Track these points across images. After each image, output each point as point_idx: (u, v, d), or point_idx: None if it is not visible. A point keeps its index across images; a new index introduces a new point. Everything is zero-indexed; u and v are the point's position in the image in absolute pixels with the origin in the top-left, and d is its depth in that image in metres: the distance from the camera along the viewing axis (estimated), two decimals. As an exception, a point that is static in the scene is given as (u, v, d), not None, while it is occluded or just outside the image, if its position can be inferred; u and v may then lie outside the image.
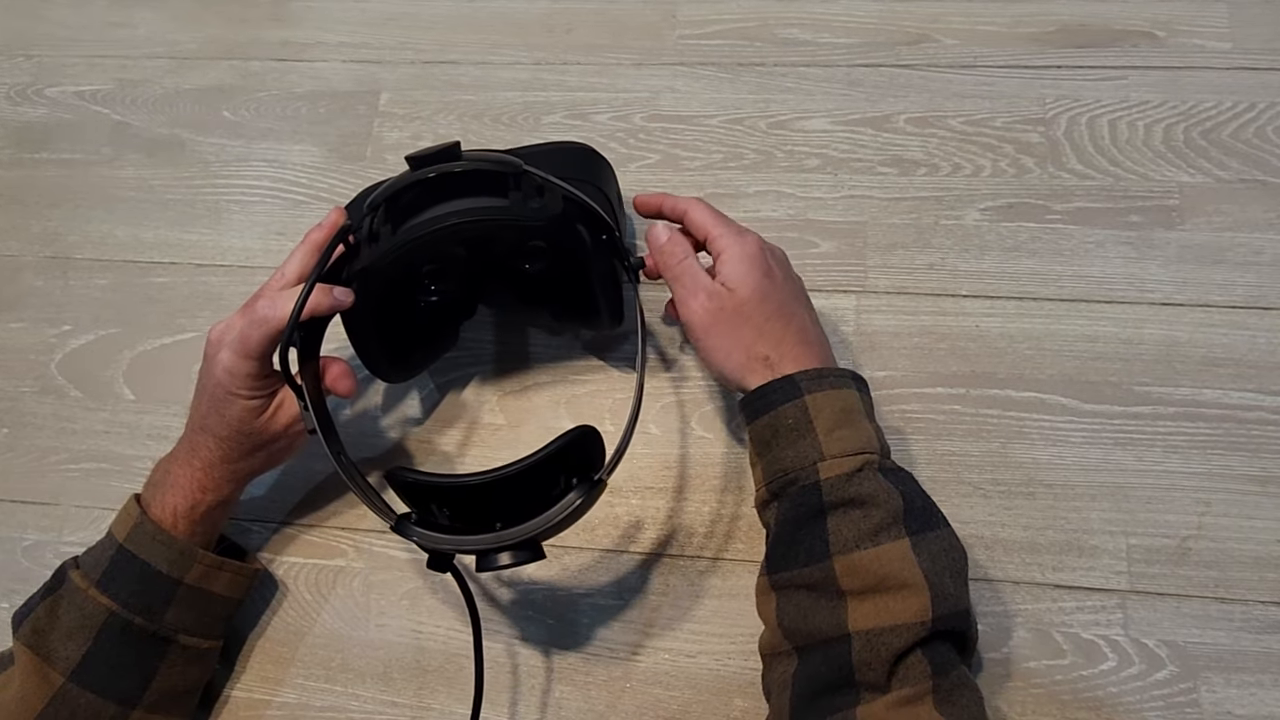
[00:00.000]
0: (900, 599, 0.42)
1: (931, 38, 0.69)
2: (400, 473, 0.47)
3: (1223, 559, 0.53)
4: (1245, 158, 0.63)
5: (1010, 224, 0.63)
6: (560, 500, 0.47)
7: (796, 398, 0.47)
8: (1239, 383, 0.57)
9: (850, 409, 0.47)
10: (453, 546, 0.47)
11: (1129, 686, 0.51)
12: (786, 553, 0.46)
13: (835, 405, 0.47)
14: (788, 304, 0.50)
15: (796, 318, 0.50)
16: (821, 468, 0.45)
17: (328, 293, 0.49)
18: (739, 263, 0.49)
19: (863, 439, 0.46)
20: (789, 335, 0.49)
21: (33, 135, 0.76)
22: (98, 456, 0.64)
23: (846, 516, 0.44)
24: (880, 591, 0.43)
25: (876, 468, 0.45)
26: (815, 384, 0.47)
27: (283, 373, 0.48)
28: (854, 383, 0.49)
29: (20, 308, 0.70)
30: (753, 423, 0.48)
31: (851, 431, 0.46)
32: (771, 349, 0.48)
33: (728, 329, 0.49)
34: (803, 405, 0.46)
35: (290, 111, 0.74)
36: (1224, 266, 0.60)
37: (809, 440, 0.46)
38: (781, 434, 0.47)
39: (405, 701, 0.55)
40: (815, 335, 0.51)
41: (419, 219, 0.49)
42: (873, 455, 0.46)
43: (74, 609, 0.49)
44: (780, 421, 0.47)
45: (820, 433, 0.46)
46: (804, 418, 0.46)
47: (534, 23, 0.74)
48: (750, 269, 0.49)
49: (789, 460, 0.46)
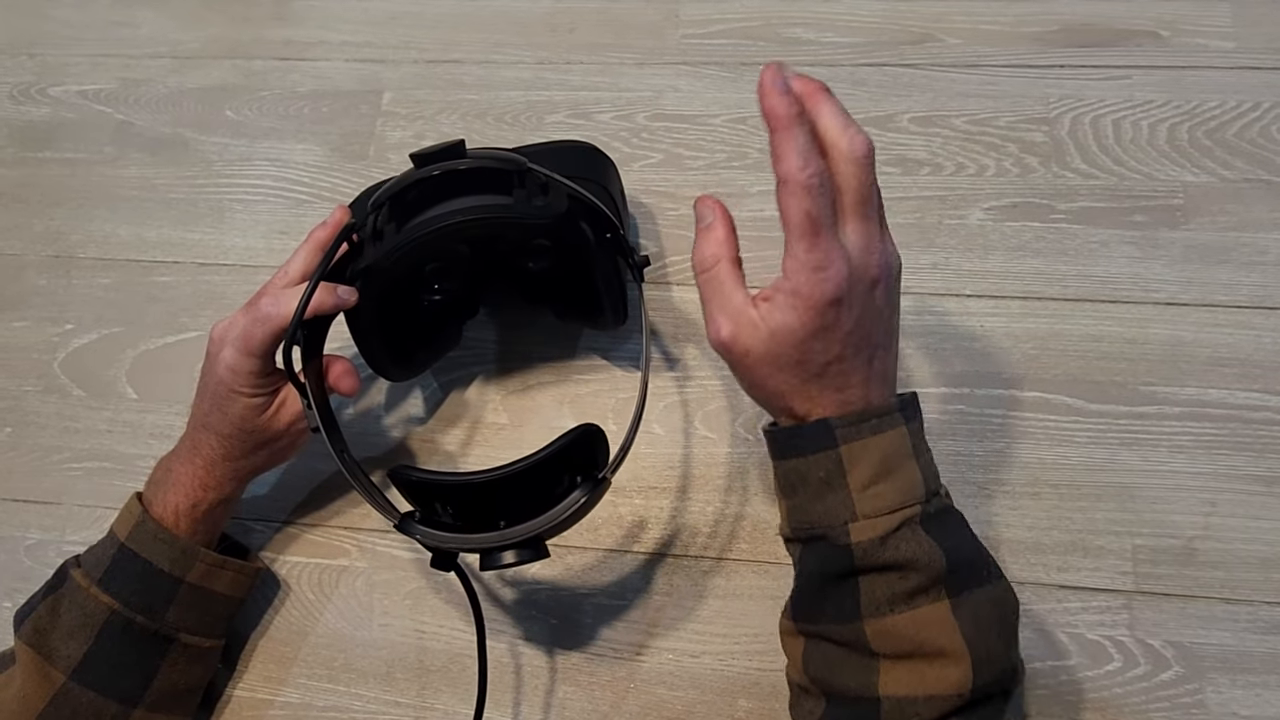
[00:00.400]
0: (937, 668, 0.38)
1: (935, 37, 0.69)
2: (404, 471, 0.46)
3: (1228, 559, 0.53)
4: (1250, 157, 0.63)
5: (1014, 224, 0.62)
6: (564, 499, 0.47)
7: (830, 448, 0.40)
8: (1245, 382, 0.57)
9: (893, 454, 0.40)
10: (456, 545, 0.47)
11: (1134, 687, 0.51)
12: (812, 604, 0.42)
13: (875, 455, 0.40)
14: (845, 355, 0.40)
15: (850, 367, 0.40)
16: (853, 529, 0.39)
17: (331, 291, 0.49)
18: (792, 311, 0.38)
19: (904, 490, 0.40)
20: (829, 387, 0.40)
21: (36, 134, 0.76)
22: (100, 456, 0.64)
23: (881, 578, 0.39)
24: (916, 657, 0.39)
25: (919, 520, 0.40)
26: (854, 431, 0.40)
27: (286, 371, 0.48)
28: (902, 415, 0.41)
29: (23, 307, 0.69)
30: (778, 461, 0.42)
31: (891, 485, 0.40)
32: (803, 403, 0.41)
33: (752, 369, 0.41)
34: (836, 457, 0.40)
35: (293, 111, 0.74)
36: (1229, 266, 0.60)
37: (841, 496, 0.40)
38: (810, 484, 0.41)
39: (408, 701, 0.55)
40: (874, 373, 0.41)
41: (423, 217, 0.49)
42: (915, 508, 0.40)
43: (75, 608, 0.49)
44: (809, 471, 0.41)
45: (854, 489, 0.40)
46: (837, 470, 0.40)
47: (537, 22, 0.74)
48: (803, 323, 0.38)
49: (817, 514, 0.41)
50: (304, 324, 0.48)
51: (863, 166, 0.38)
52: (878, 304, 0.40)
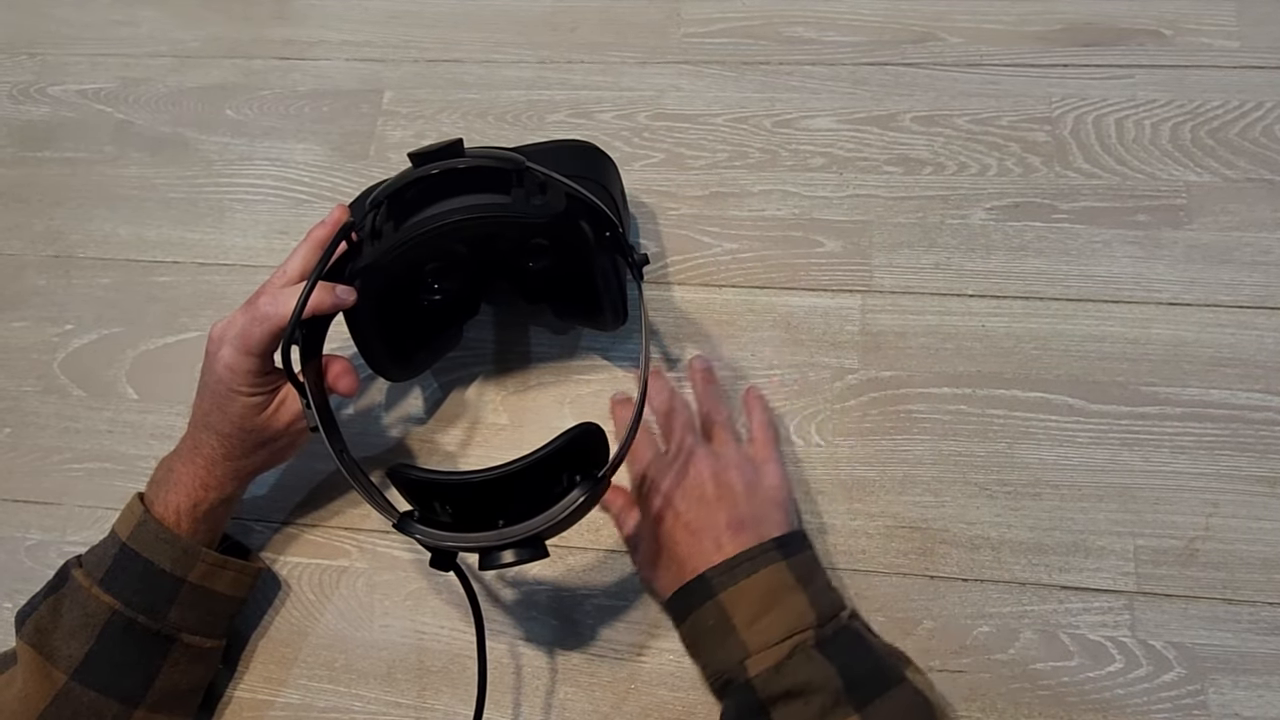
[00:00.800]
0: None
1: (937, 36, 0.69)
2: (402, 470, 0.46)
3: (1230, 560, 0.53)
4: (1253, 157, 0.62)
5: (1016, 223, 0.62)
6: (563, 498, 0.46)
7: (710, 598, 0.46)
8: (1247, 383, 0.56)
9: (774, 588, 0.46)
10: (455, 544, 0.47)
11: (1136, 688, 0.51)
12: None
13: (754, 593, 0.46)
14: (693, 540, 0.49)
15: (708, 536, 0.49)
16: (749, 664, 0.44)
17: (330, 290, 0.49)
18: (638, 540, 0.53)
19: (791, 619, 0.45)
20: (698, 555, 0.49)
21: (36, 134, 0.76)
22: (100, 456, 0.64)
23: (789, 708, 0.43)
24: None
25: (812, 644, 0.44)
26: (728, 577, 0.46)
27: (285, 370, 0.47)
28: (779, 550, 0.47)
29: (23, 307, 0.69)
30: (678, 625, 0.50)
31: (776, 616, 0.45)
32: (676, 576, 0.49)
33: (642, 567, 0.53)
34: (718, 604, 0.46)
35: (293, 110, 0.73)
36: (1231, 266, 0.60)
37: (732, 638, 0.45)
38: (704, 636, 0.47)
39: (408, 702, 0.55)
40: (740, 519, 0.49)
41: (421, 216, 0.49)
42: (805, 633, 0.45)
43: (77, 607, 0.49)
44: (700, 624, 0.47)
45: (741, 628, 0.45)
46: (722, 616, 0.46)
47: (538, 21, 0.74)
48: (645, 547, 0.52)
49: (719, 662, 0.46)
50: (303, 324, 0.48)
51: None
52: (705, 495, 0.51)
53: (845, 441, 0.58)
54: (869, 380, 0.59)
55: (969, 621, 0.53)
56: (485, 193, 0.49)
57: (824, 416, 0.58)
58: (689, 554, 0.49)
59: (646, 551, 0.52)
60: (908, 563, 0.55)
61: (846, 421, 0.58)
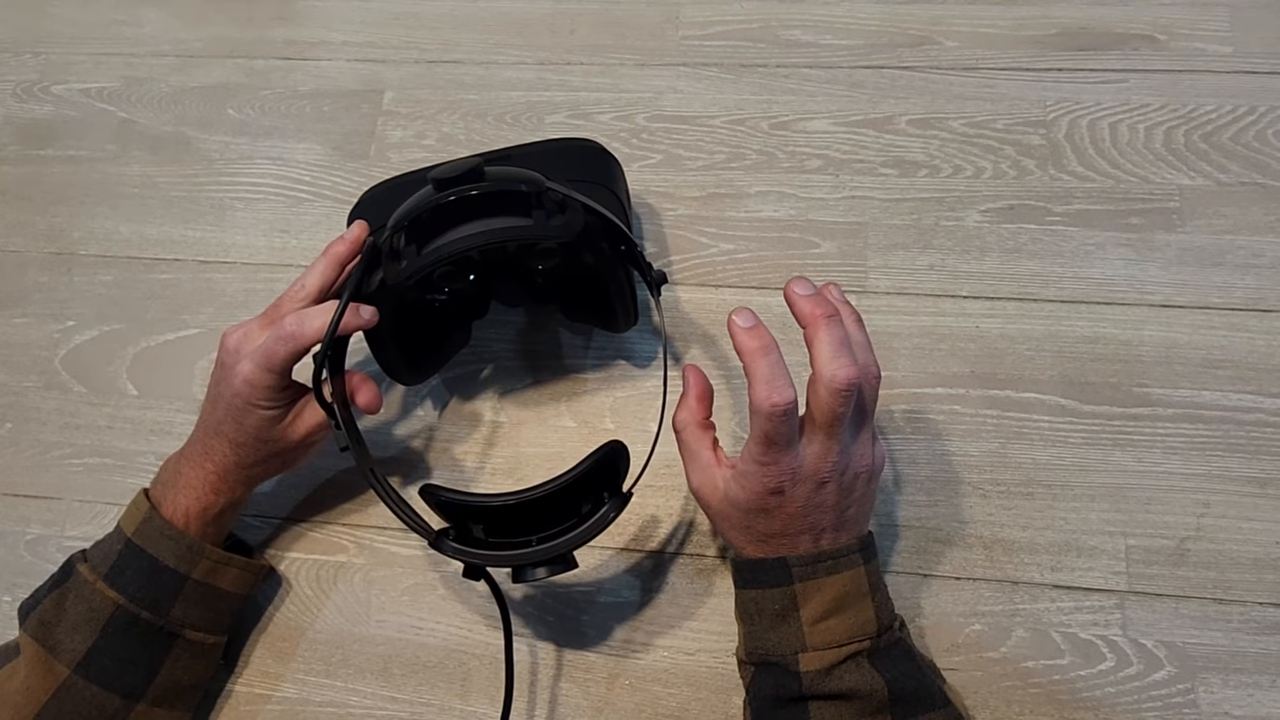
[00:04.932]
0: None
1: (933, 40, 0.70)
2: (435, 491, 0.48)
3: (1221, 560, 0.53)
4: (1245, 161, 0.63)
5: (1011, 226, 0.63)
6: (593, 515, 0.48)
7: (785, 584, 0.45)
8: (1238, 385, 0.57)
9: (849, 593, 0.44)
10: (492, 562, 0.48)
11: (1127, 687, 0.51)
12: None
13: (828, 594, 0.44)
14: (789, 532, 0.45)
15: (794, 541, 0.45)
16: (803, 659, 0.44)
17: (355, 312, 0.50)
18: (739, 488, 0.45)
19: (854, 626, 0.44)
20: (779, 546, 0.45)
21: (39, 132, 0.76)
22: (101, 452, 0.64)
23: (829, 705, 0.43)
24: None
25: (867, 654, 0.44)
26: (809, 570, 0.45)
27: (315, 396, 0.49)
28: (860, 556, 0.45)
29: (25, 303, 0.70)
30: (739, 590, 0.47)
31: (841, 620, 0.44)
32: (754, 550, 0.46)
33: (714, 518, 0.48)
34: (790, 593, 0.45)
35: (294, 110, 0.74)
36: (1224, 269, 0.60)
37: (793, 628, 0.44)
38: (765, 614, 0.45)
39: (405, 697, 0.55)
40: (822, 543, 0.45)
41: (442, 240, 0.49)
42: (863, 643, 0.44)
43: (81, 602, 0.49)
44: (765, 603, 0.45)
45: (806, 622, 0.44)
46: (790, 605, 0.44)
47: (538, 23, 0.75)
48: (747, 499, 0.44)
49: (771, 643, 0.45)
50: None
51: (837, 396, 0.42)
52: (825, 498, 0.44)
53: (840, 441, 0.58)
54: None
55: (961, 620, 0.53)
56: (505, 215, 0.49)
57: (819, 416, 0.59)
58: (783, 531, 0.45)
59: (736, 497, 0.45)
60: (901, 561, 0.55)
61: (841, 421, 0.59)
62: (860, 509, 0.47)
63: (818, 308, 0.43)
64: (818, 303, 0.43)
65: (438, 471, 0.60)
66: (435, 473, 0.60)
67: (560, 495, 0.47)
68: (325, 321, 0.48)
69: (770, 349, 0.43)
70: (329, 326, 0.48)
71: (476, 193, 0.48)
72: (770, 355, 0.42)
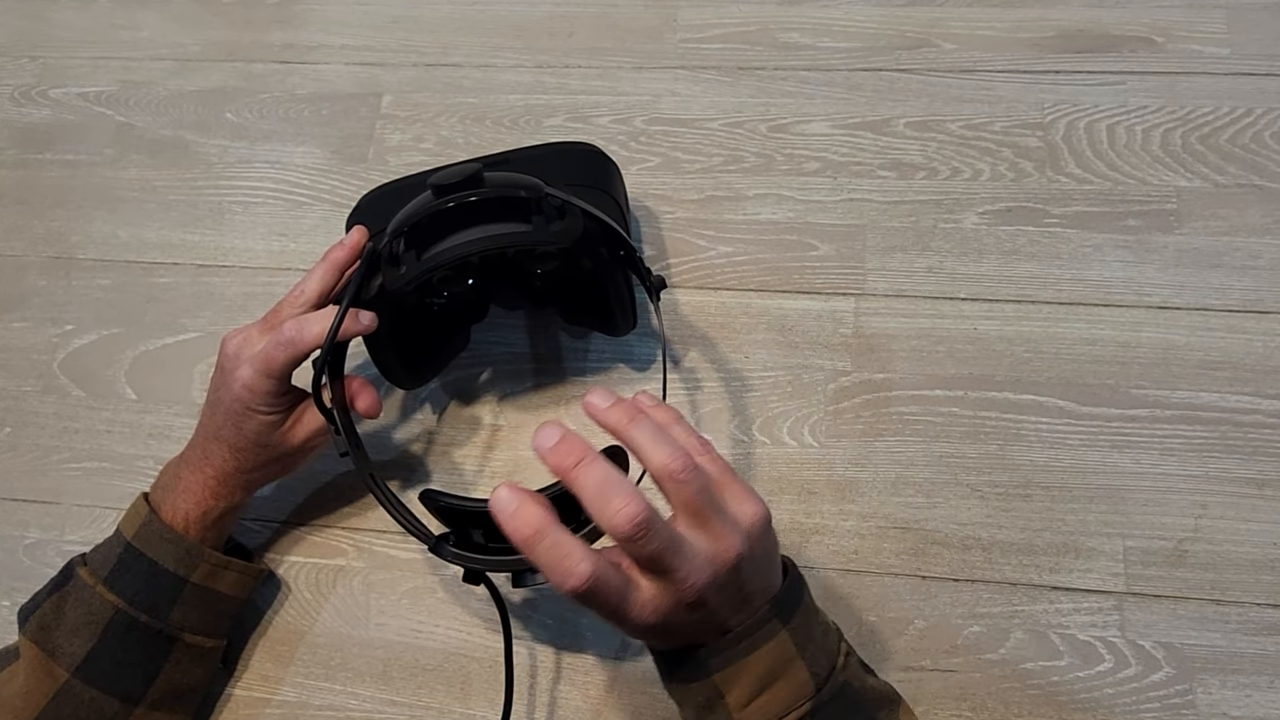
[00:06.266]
0: None
1: (931, 43, 0.70)
2: (435, 496, 0.48)
3: (1219, 561, 0.53)
4: (1243, 163, 0.63)
5: (1009, 228, 0.63)
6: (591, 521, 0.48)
7: (703, 678, 0.41)
8: (1236, 386, 0.57)
9: (774, 665, 0.41)
10: (492, 567, 0.48)
11: (1125, 688, 0.51)
12: None
13: (754, 672, 0.40)
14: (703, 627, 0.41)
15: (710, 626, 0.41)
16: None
17: (354, 318, 0.50)
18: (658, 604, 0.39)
19: (789, 694, 0.40)
20: (700, 632, 0.41)
21: (37, 136, 0.76)
22: (99, 456, 0.64)
23: None
24: None
25: (810, 716, 0.40)
26: (725, 659, 0.41)
27: (315, 402, 0.49)
28: (779, 618, 0.41)
29: (23, 307, 0.70)
30: (664, 683, 0.44)
31: (773, 694, 0.40)
32: (669, 639, 0.42)
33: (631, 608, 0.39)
34: (711, 685, 0.41)
35: (293, 113, 0.74)
36: (1221, 270, 0.60)
37: (721, 717, 0.41)
38: (691, 706, 0.42)
39: (404, 700, 0.55)
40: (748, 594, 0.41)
41: (442, 246, 0.49)
42: (803, 707, 0.40)
43: (81, 605, 0.49)
44: (689, 696, 0.42)
45: (734, 709, 0.41)
46: (715, 695, 0.41)
47: (536, 26, 0.75)
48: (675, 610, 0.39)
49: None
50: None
51: (677, 484, 0.38)
52: (740, 577, 0.40)
53: (838, 443, 0.58)
54: (862, 382, 0.59)
55: (960, 621, 0.53)
56: (504, 221, 0.49)
57: (817, 418, 0.59)
58: (691, 631, 0.41)
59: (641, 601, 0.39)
60: (899, 563, 0.55)
61: (839, 423, 0.59)
62: (760, 578, 0.42)
63: (617, 416, 0.41)
64: (611, 411, 0.41)
65: (436, 475, 0.60)
66: (434, 476, 0.60)
67: (560, 501, 0.47)
68: (325, 327, 0.48)
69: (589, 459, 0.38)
70: (329, 332, 0.48)
71: (476, 199, 0.48)
72: (595, 464, 0.38)
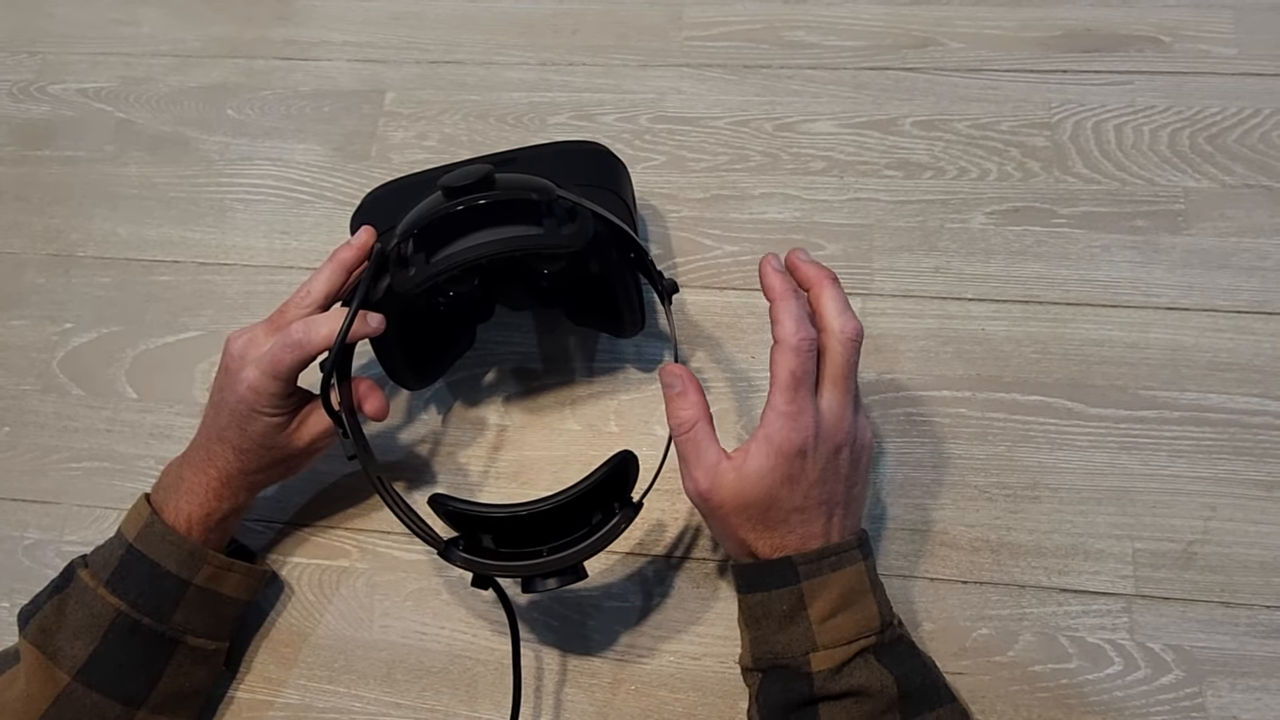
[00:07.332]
0: None
1: (937, 41, 0.69)
2: (444, 501, 0.48)
3: (1228, 564, 0.53)
4: (1251, 163, 0.63)
5: (1016, 228, 0.63)
6: (604, 525, 0.48)
7: (793, 584, 0.44)
8: (1245, 387, 0.57)
9: (852, 590, 0.44)
10: (502, 572, 0.48)
11: (1134, 691, 0.51)
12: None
13: (834, 590, 0.44)
14: (807, 508, 0.44)
15: (811, 519, 0.45)
16: (814, 659, 0.43)
17: (363, 320, 0.49)
18: (764, 456, 0.43)
19: (861, 622, 0.44)
20: (792, 534, 0.45)
21: (36, 132, 0.76)
22: (99, 455, 0.63)
23: (839, 705, 0.43)
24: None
25: (873, 650, 0.44)
26: (814, 568, 0.44)
27: (324, 405, 0.49)
28: (860, 552, 0.45)
29: (22, 305, 0.69)
30: (743, 595, 0.46)
31: (848, 617, 0.44)
32: (767, 547, 0.45)
33: (725, 520, 0.45)
34: (798, 593, 0.44)
35: (294, 110, 0.73)
36: (1229, 271, 0.60)
37: (801, 628, 0.44)
38: (774, 617, 0.45)
39: (408, 703, 0.55)
40: (833, 526, 0.46)
41: (452, 248, 0.48)
42: (870, 639, 0.44)
43: (82, 608, 0.48)
44: (773, 606, 0.45)
45: (815, 621, 0.44)
46: (798, 605, 0.44)
47: (540, 23, 0.74)
48: (772, 467, 0.43)
49: (780, 645, 0.44)
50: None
51: (849, 347, 0.45)
52: (840, 467, 0.45)
53: (846, 444, 0.58)
54: (869, 383, 0.59)
55: (968, 624, 0.53)
56: (514, 223, 0.49)
57: (825, 419, 0.59)
58: (803, 505, 0.44)
59: (759, 471, 0.43)
60: (908, 565, 0.55)
61: (847, 424, 0.58)
62: (863, 489, 0.47)
63: (821, 272, 0.47)
64: (820, 268, 0.47)
65: (442, 476, 0.60)
66: (440, 477, 0.60)
67: (571, 505, 0.47)
68: (332, 329, 0.48)
69: (799, 293, 0.45)
70: (338, 335, 0.47)
71: (486, 202, 0.48)
72: (801, 298, 0.45)
